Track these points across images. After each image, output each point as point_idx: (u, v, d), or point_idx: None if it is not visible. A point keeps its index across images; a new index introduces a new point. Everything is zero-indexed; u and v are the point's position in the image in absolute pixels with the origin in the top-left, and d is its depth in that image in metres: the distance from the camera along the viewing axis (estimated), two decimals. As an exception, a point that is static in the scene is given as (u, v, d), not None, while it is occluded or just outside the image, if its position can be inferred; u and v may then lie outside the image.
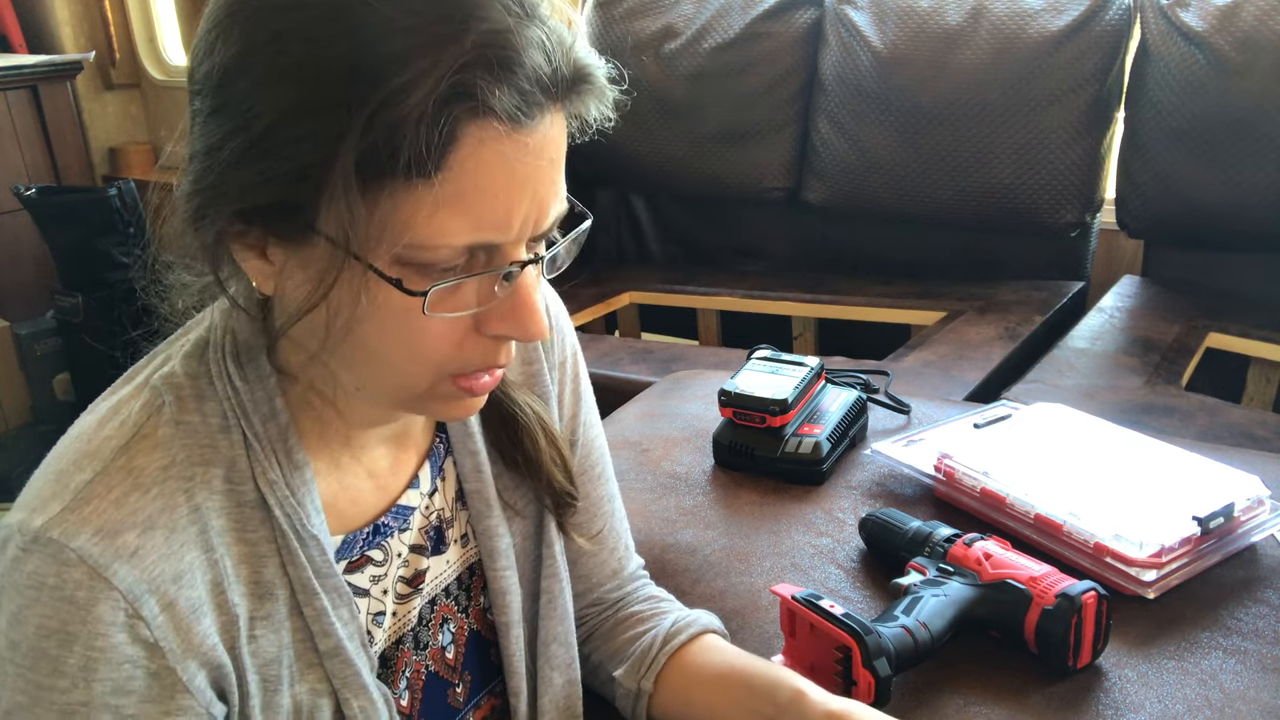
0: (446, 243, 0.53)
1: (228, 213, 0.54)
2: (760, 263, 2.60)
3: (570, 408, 0.83)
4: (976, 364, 1.78)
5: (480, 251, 0.55)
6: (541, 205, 0.56)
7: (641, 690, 0.80)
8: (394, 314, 0.55)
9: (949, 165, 2.19)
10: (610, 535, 0.87)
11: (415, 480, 0.72)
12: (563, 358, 0.82)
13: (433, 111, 0.49)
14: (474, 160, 0.51)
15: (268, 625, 0.61)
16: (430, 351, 0.57)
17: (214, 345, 0.62)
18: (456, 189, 0.51)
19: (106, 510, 0.55)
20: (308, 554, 0.61)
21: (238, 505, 0.60)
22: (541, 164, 0.54)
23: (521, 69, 0.51)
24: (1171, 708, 0.79)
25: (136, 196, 2.92)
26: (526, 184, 0.54)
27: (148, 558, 0.55)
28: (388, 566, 0.70)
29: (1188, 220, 2.03)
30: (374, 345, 0.57)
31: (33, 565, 0.54)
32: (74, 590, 0.53)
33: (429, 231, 0.52)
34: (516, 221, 0.54)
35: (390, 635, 0.71)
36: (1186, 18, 1.94)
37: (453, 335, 0.57)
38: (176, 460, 0.58)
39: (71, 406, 3.08)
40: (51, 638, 0.54)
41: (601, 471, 0.86)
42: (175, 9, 3.11)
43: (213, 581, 0.58)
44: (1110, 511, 0.95)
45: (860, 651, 0.77)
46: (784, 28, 2.35)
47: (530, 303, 0.57)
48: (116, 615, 0.54)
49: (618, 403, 1.44)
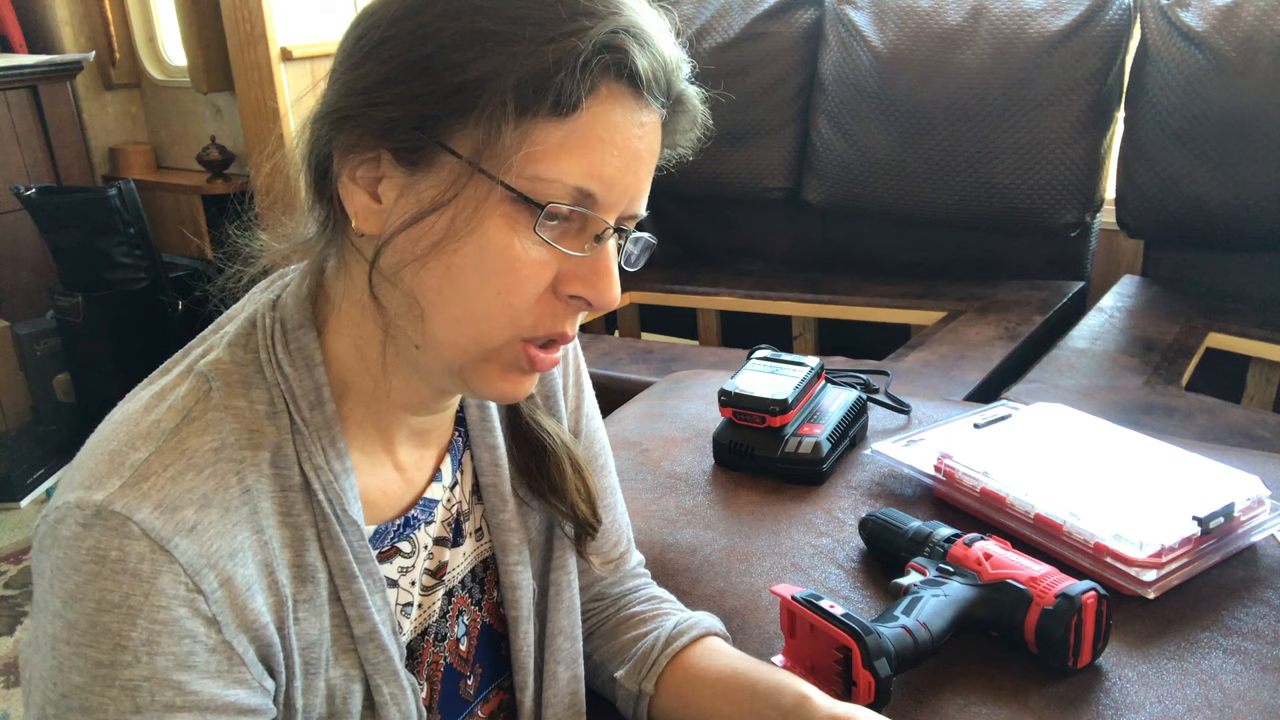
0: (561, 179, 0.57)
1: (366, 127, 0.57)
2: (760, 263, 2.60)
3: (574, 399, 0.84)
4: (976, 364, 1.78)
5: (583, 203, 0.59)
6: (638, 186, 0.61)
7: (643, 692, 0.81)
8: (498, 241, 0.58)
9: (949, 165, 2.19)
10: (613, 528, 0.87)
11: (438, 474, 0.73)
12: (565, 352, 0.83)
13: (589, 54, 0.55)
14: (605, 111, 0.57)
15: (309, 608, 0.62)
16: (516, 294, 0.59)
17: (262, 331, 0.64)
18: (583, 133, 0.57)
19: (165, 486, 0.56)
20: (348, 539, 0.63)
21: (283, 490, 0.61)
22: (646, 150, 0.60)
23: (658, 52, 0.59)
24: (1171, 708, 0.79)
25: (136, 196, 2.92)
26: (635, 159, 0.59)
27: (205, 534, 0.56)
28: (415, 558, 0.71)
29: (1188, 220, 2.03)
30: (469, 284, 0.59)
31: (93, 539, 0.54)
32: (137, 563, 0.54)
33: (551, 166, 0.56)
34: (619, 186, 0.59)
35: (416, 627, 0.72)
36: (1186, 18, 1.94)
37: (539, 283, 0.60)
38: (226, 443, 0.59)
39: (71, 407, 3.09)
40: (113, 612, 0.54)
41: (604, 463, 0.87)
42: (175, 9, 3.11)
43: (263, 562, 0.59)
44: (1110, 511, 0.95)
45: (860, 652, 0.77)
46: (784, 28, 2.35)
47: (610, 269, 0.62)
48: (178, 589, 0.55)
49: (618, 403, 1.44)
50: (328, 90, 0.61)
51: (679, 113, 0.63)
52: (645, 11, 0.60)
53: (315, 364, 0.64)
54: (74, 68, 3.20)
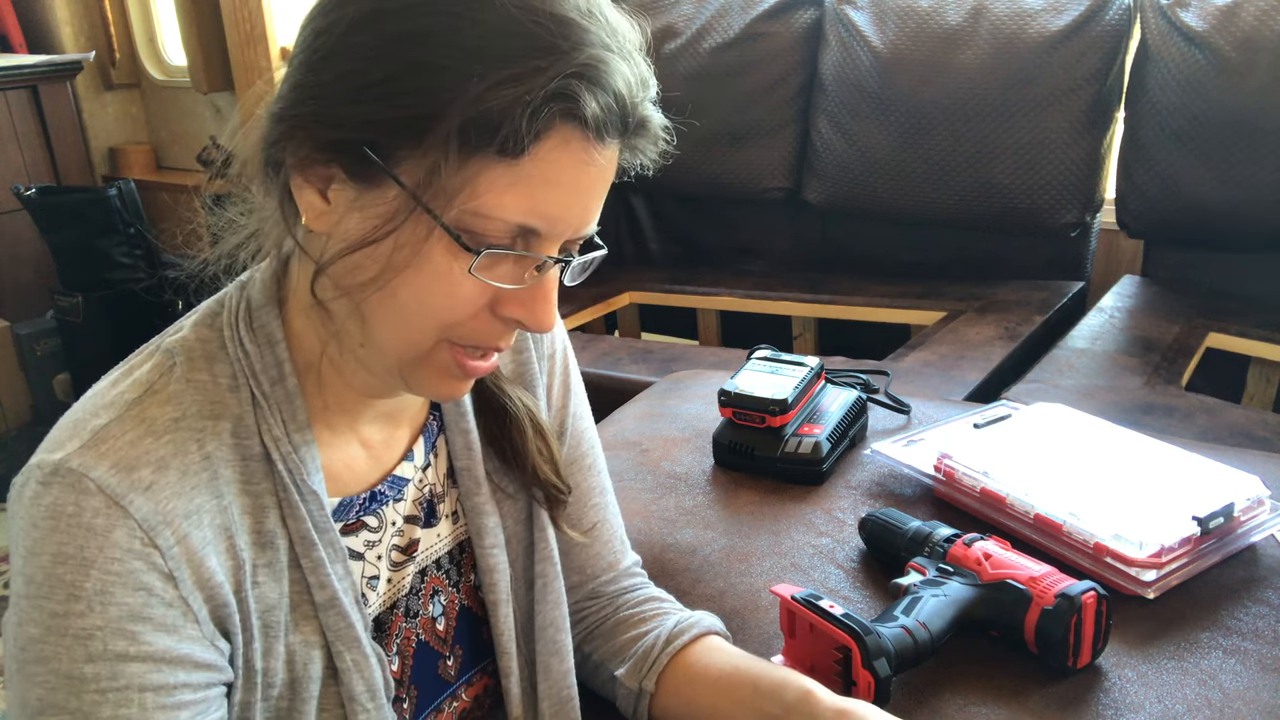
0: (503, 217, 0.58)
1: (318, 140, 0.58)
2: (760, 262, 2.60)
3: (559, 399, 0.85)
4: (976, 364, 1.78)
5: (523, 237, 0.60)
6: (585, 217, 0.62)
7: (643, 690, 0.81)
8: (436, 269, 0.59)
9: (949, 165, 2.19)
10: (604, 528, 0.88)
11: (409, 454, 0.75)
12: (552, 350, 0.84)
13: (538, 103, 0.55)
14: (555, 155, 0.57)
15: (269, 573, 0.64)
16: (449, 313, 0.61)
17: (228, 310, 0.66)
18: (530, 175, 0.57)
19: (122, 449, 0.58)
20: (307, 508, 0.65)
21: (243, 459, 0.63)
22: (599, 184, 0.61)
23: (614, 92, 0.58)
24: (1171, 708, 0.79)
25: (136, 196, 2.92)
26: (583, 193, 0.60)
27: (162, 493, 0.58)
28: (382, 533, 0.73)
29: (1188, 220, 2.03)
30: (402, 297, 0.60)
31: (51, 497, 0.56)
32: (92, 518, 0.56)
33: (494, 204, 0.57)
34: (565, 221, 0.60)
35: (385, 600, 0.73)
36: (1186, 18, 1.94)
37: (473, 306, 0.61)
38: (187, 414, 0.61)
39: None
40: (68, 563, 0.55)
41: (592, 463, 0.88)
42: (175, 9, 3.11)
43: (221, 525, 0.61)
44: (1110, 511, 0.95)
45: (860, 651, 0.77)
46: (784, 28, 2.35)
47: (548, 296, 0.63)
48: (133, 543, 0.56)
49: (618, 403, 1.44)
50: (284, 83, 0.61)
51: (639, 136, 0.63)
52: (615, 34, 0.59)
53: (276, 340, 0.66)
54: (74, 68, 3.20)
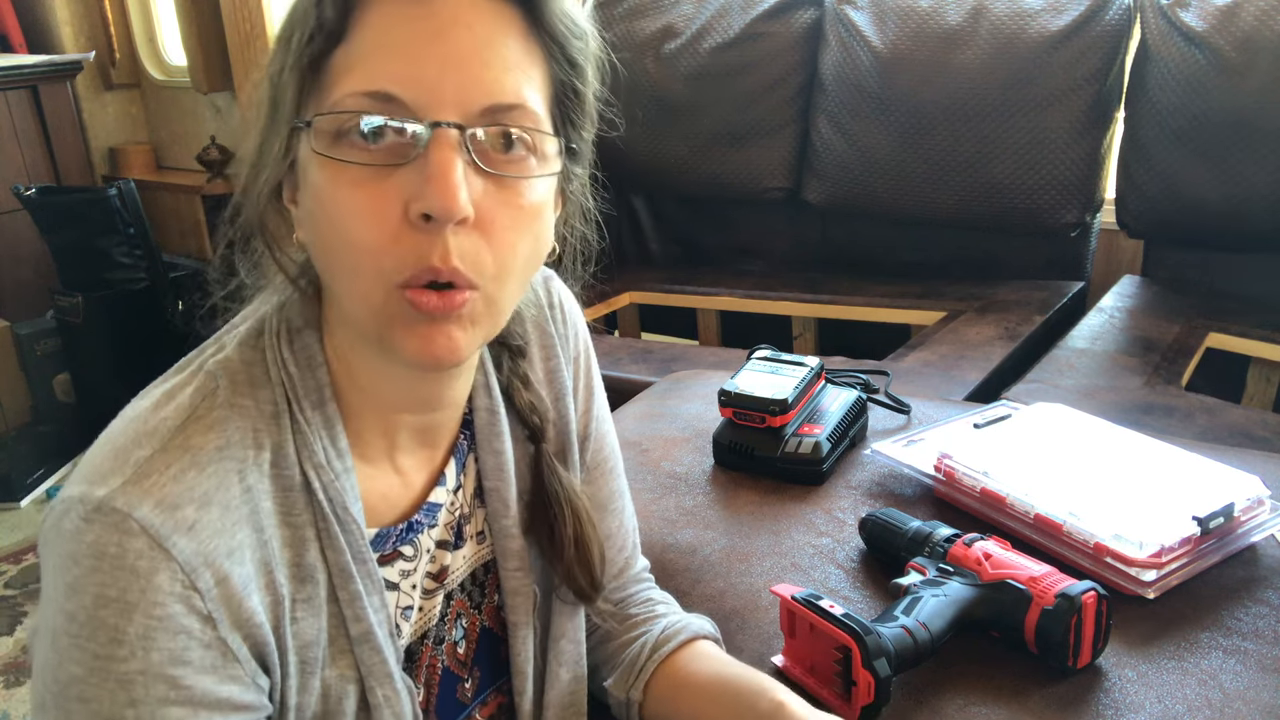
0: (350, 91, 0.55)
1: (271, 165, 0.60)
2: (760, 263, 2.60)
3: (584, 402, 0.84)
4: (976, 364, 1.78)
5: (381, 109, 0.55)
6: (464, 74, 0.56)
7: (631, 700, 0.80)
8: (322, 192, 0.57)
9: (949, 165, 2.19)
10: (619, 533, 0.87)
11: (442, 477, 0.73)
12: (576, 352, 0.83)
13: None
14: (374, 18, 0.56)
15: (308, 608, 0.62)
16: (356, 235, 0.56)
17: (269, 331, 0.65)
18: (361, 49, 0.56)
19: (166, 484, 0.57)
20: (347, 538, 0.63)
21: (284, 490, 0.62)
22: (457, 30, 0.56)
23: None
24: (1171, 708, 0.79)
25: (136, 196, 2.92)
26: (433, 43, 0.55)
27: (204, 532, 0.57)
28: (417, 562, 0.71)
29: (1188, 220, 2.03)
30: (325, 242, 0.58)
31: (94, 535, 0.55)
32: (135, 560, 0.55)
33: (339, 88, 0.56)
34: (424, 79, 0.55)
35: (416, 630, 0.72)
36: (1186, 18, 1.94)
37: (375, 217, 0.56)
38: (231, 441, 0.60)
39: (71, 407, 3.08)
40: (110, 606, 0.55)
41: (613, 467, 0.87)
42: (175, 9, 3.11)
43: (261, 560, 0.60)
44: (1110, 511, 0.95)
45: (860, 651, 0.77)
46: (784, 28, 2.35)
47: (442, 171, 0.54)
48: (174, 586, 0.55)
49: (618, 403, 1.44)
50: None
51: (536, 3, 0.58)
52: None
53: (318, 364, 0.64)
54: (74, 68, 3.20)
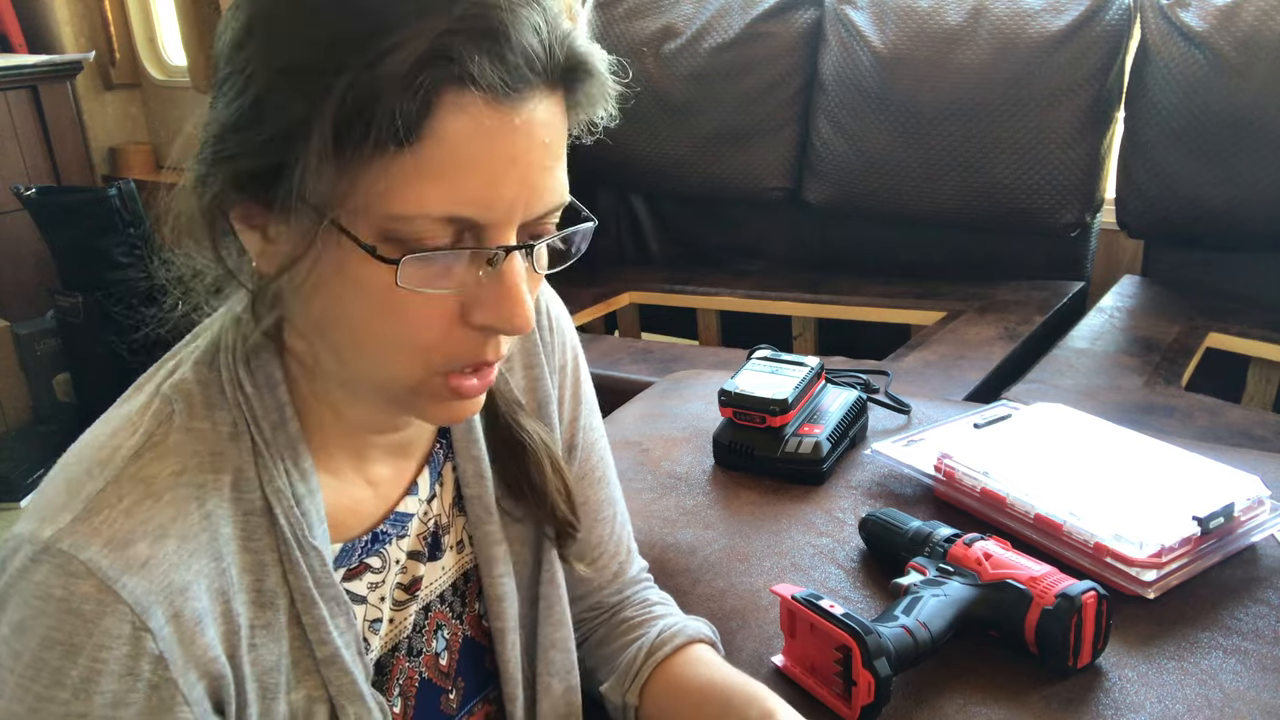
0: (423, 212, 0.51)
1: (223, 177, 0.54)
2: (760, 263, 2.60)
3: (570, 411, 0.82)
4: (976, 364, 1.78)
5: (467, 232, 0.54)
6: (532, 190, 0.54)
7: (627, 704, 0.79)
8: (375, 291, 0.54)
9: (949, 165, 2.19)
10: (611, 540, 0.86)
11: (414, 487, 0.71)
12: (563, 361, 0.81)
13: (409, 74, 0.49)
14: (452, 130, 0.50)
15: (268, 634, 0.60)
16: (412, 335, 0.55)
17: (224, 350, 0.62)
18: (435, 159, 0.51)
19: (117, 520, 0.54)
20: (309, 564, 0.61)
21: (244, 514, 0.60)
22: (532, 146, 0.53)
23: (508, 42, 0.51)
24: (1171, 708, 0.79)
25: (136, 196, 2.92)
26: (512, 163, 0.53)
27: (157, 569, 0.55)
28: (385, 573, 0.69)
29: (1188, 220, 2.03)
30: (360, 328, 0.56)
31: (41, 575, 0.53)
32: (81, 603, 0.53)
33: (407, 202, 0.51)
34: (501, 201, 0.53)
35: (386, 643, 0.70)
36: (1186, 18, 1.94)
37: (436, 321, 0.55)
38: (188, 467, 0.58)
39: (71, 407, 3.08)
40: (55, 649, 0.53)
41: (602, 475, 0.85)
42: (175, 9, 3.11)
43: (218, 590, 0.58)
44: (1110, 511, 0.95)
45: (860, 651, 0.77)
46: (784, 28, 2.35)
47: (515, 292, 0.55)
48: (123, 628, 0.53)
49: (618, 403, 1.44)
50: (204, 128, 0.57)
51: (577, 79, 0.55)
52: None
53: (276, 383, 0.61)
54: (74, 68, 3.20)
